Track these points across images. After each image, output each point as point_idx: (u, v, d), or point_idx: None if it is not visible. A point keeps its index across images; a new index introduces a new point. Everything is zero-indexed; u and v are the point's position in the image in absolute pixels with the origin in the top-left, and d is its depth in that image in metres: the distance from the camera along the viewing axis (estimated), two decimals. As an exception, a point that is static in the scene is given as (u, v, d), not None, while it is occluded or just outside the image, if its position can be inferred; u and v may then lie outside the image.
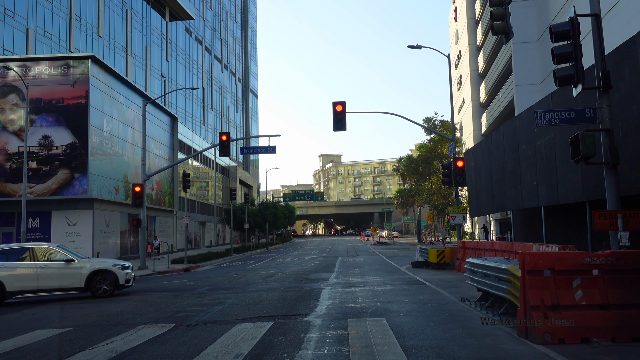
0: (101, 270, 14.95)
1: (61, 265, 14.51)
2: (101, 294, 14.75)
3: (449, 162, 25.06)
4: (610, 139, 9.64)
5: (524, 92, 35.45)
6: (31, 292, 14.35)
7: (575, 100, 12.41)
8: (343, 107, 21.89)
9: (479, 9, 49.82)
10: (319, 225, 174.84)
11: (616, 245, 9.36)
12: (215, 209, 57.97)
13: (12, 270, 14.01)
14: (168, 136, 47.33)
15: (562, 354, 6.49)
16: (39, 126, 30.03)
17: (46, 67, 30.60)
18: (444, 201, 55.24)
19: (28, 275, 14.11)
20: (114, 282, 15.00)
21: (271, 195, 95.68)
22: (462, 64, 57.73)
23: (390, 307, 10.80)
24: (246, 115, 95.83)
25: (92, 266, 14.91)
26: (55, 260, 14.54)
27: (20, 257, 14.28)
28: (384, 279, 17.32)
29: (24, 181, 23.54)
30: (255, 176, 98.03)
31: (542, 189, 15.94)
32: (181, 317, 10.47)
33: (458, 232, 25.97)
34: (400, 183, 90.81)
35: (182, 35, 65.03)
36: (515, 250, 14.09)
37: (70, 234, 30.13)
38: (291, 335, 8.24)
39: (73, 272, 14.58)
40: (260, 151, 31.26)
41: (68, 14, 40.67)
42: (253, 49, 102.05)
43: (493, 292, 9.51)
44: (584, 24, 10.04)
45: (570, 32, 9.67)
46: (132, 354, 7.31)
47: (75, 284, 14.61)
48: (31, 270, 14.16)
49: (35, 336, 8.91)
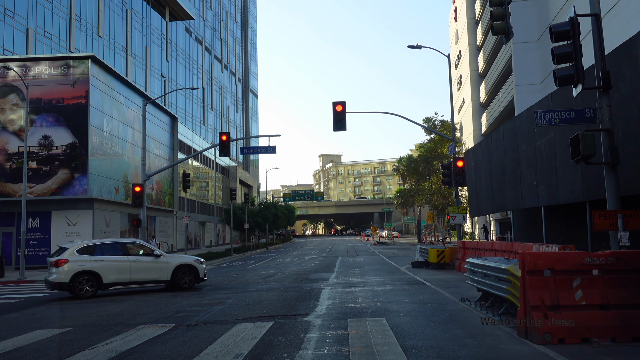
0: (184, 265, 15.98)
1: (151, 260, 15.56)
2: (184, 287, 15.73)
3: (449, 162, 25.07)
4: (610, 139, 9.64)
5: (524, 92, 35.46)
6: (124, 284, 15.34)
7: (575, 100, 12.41)
8: (343, 107, 21.89)
9: (479, 9, 49.82)
10: (319, 225, 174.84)
11: (616, 245, 9.36)
12: (215, 209, 57.98)
13: (108, 263, 14.96)
14: (168, 136, 47.33)
15: (562, 354, 6.49)
16: (39, 126, 30.03)
17: (46, 67, 30.60)
18: (444, 201, 55.24)
19: (122, 268, 15.08)
20: (194, 276, 16.03)
21: (271, 195, 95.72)
22: (462, 64, 57.73)
23: (390, 307, 10.80)
24: (246, 115, 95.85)
25: (176, 261, 16.02)
26: (144, 255, 15.62)
27: (113, 252, 15.34)
28: (384, 279, 17.32)
29: (24, 181, 23.54)
30: (255, 176, 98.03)
31: (542, 189, 15.94)
32: (181, 317, 10.47)
33: (458, 232, 25.97)
34: (400, 183, 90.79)
35: (182, 35, 65.04)
36: (515, 250, 14.09)
37: (70, 234, 30.13)
38: (291, 335, 8.24)
39: (161, 266, 15.63)
40: (260, 151, 31.23)
41: (68, 14, 40.68)
42: (253, 49, 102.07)
43: (493, 292, 9.51)
44: (584, 24, 10.04)
45: (570, 32, 9.67)
46: (132, 354, 7.31)
47: (162, 277, 15.64)
48: (125, 263, 15.15)
49: (35, 336, 8.90)
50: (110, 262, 15.02)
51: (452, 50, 64.35)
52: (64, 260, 14.52)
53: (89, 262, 14.76)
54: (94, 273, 14.71)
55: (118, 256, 15.26)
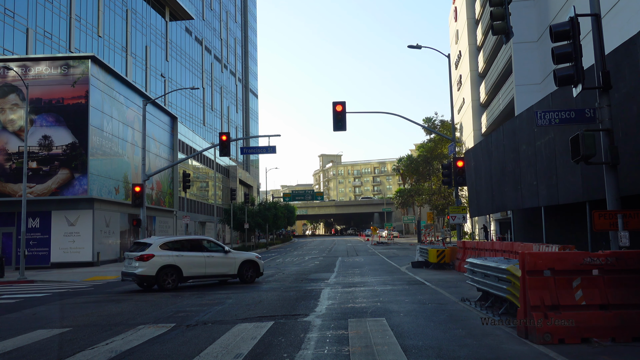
0: (248, 260, 17.33)
1: (222, 255, 16.81)
2: (248, 280, 17.07)
3: (449, 162, 25.06)
4: (610, 139, 9.64)
5: (524, 92, 35.46)
6: (199, 277, 16.57)
7: (575, 100, 12.41)
8: (343, 107, 21.89)
9: (479, 9, 49.82)
10: (319, 225, 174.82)
11: (616, 245, 9.36)
12: (215, 209, 57.94)
13: (187, 259, 16.10)
14: (168, 136, 47.32)
15: (562, 354, 6.49)
16: (39, 126, 30.03)
17: (46, 67, 30.59)
18: (444, 201, 55.24)
19: (198, 263, 16.26)
20: (255, 270, 17.39)
21: (271, 195, 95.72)
22: (462, 64, 57.72)
23: (390, 307, 10.80)
24: (246, 115, 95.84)
25: (242, 257, 17.37)
26: (216, 251, 16.90)
27: (189, 248, 16.50)
28: (384, 279, 17.32)
29: (24, 181, 23.54)
30: (255, 176, 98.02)
31: (542, 189, 15.94)
32: (181, 317, 10.47)
33: (458, 232, 25.96)
34: (400, 183, 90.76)
35: (182, 35, 65.04)
36: (515, 250, 14.09)
37: (70, 234, 30.13)
38: (291, 335, 8.24)
39: (230, 261, 16.92)
40: (260, 151, 31.22)
41: (68, 14, 40.68)
42: (253, 49, 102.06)
43: (493, 292, 9.51)
44: (584, 24, 10.04)
45: (570, 32, 9.67)
46: (132, 354, 7.31)
47: (230, 272, 16.91)
48: (201, 259, 16.33)
49: (35, 336, 8.90)
50: (189, 257, 16.15)
51: (452, 50, 64.35)
52: (151, 255, 15.55)
53: (171, 256, 15.88)
54: (176, 267, 15.82)
55: (194, 252, 16.42)
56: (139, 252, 15.72)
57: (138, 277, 15.58)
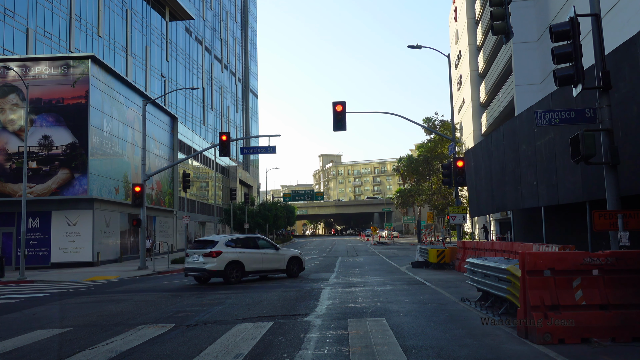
0: (294, 257, 18.96)
1: (274, 252, 18.39)
2: (293, 275, 18.69)
3: (449, 162, 25.06)
4: (610, 139, 9.64)
5: (524, 92, 35.45)
6: (257, 272, 17.91)
7: (575, 100, 12.41)
8: (343, 107, 21.89)
9: (479, 9, 49.82)
10: (319, 225, 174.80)
11: (616, 245, 9.35)
12: (215, 209, 57.97)
13: (248, 255, 17.57)
14: (168, 136, 47.33)
15: (562, 354, 6.49)
16: (39, 126, 30.03)
17: (46, 67, 30.60)
18: (444, 201, 55.24)
19: (257, 259, 17.77)
20: (300, 265, 19.06)
21: (271, 195, 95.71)
22: (462, 64, 57.72)
23: (390, 307, 10.80)
24: (246, 115, 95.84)
25: (289, 253, 18.96)
26: (269, 248, 18.36)
27: (248, 245, 17.91)
28: (384, 279, 17.32)
29: (24, 181, 23.54)
30: (255, 176, 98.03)
31: (542, 189, 15.94)
32: (181, 317, 10.47)
33: (458, 232, 25.96)
34: (400, 183, 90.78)
35: (182, 35, 65.04)
36: (515, 250, 14.09)
37: (70, 234, 30.14)
38: (291, 335, 8.24)
39: (280, 257, 18.50)
40: (260, 151, 31.24)
41: (68, 14, 40.68)
42: (253, 49, 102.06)
43: (493, 292, 9.50)
44: (584, 24, 10.04)
45: (570, 32, 9.67)
46: (132, 354, 7.30)
47: (281, 267, 18.43)
48: (258, 255, 17.87)
49: (35, 336, 8.90)
50: (250, 254, 17.63)
51: (452, 50, 64.35)
52: (219, 252, 16.85)
53: (236, 253, 17.25)
54: (240, 263, 17.20)
55: (253, 249, 17.91)
56: (207, 249, 16.92)
57: (208, 272, 16.72)
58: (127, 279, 21.90)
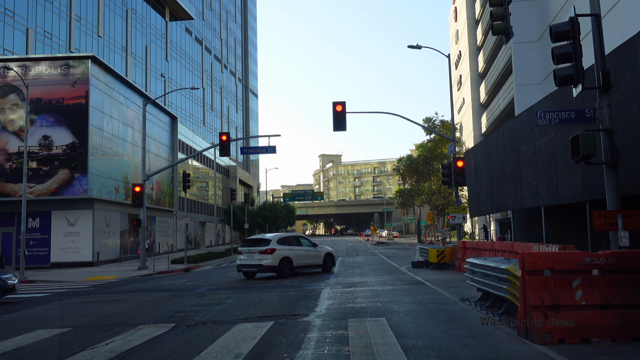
0: (328, 253, 20.83)
1: (314, 249, 20.18)
2: (327, 269, 20.55)
3: (449, 162, 25.05)
4: (610, 139, 9.64)
5: (524, 92, 35.44)
6: (302, 267, 19.60)
7: (575, 100, 12.41)
8: (343, 107, 21.89)
9: (479, 9, 49.81)
10: (319, 225, 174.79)
11: (616, 245, 9.35)
12: (215, 209, 57.97)
13: (296, 252, 19.22)
14: (168, 136, 47.32)
15: (562, 354, 6.49)
16: (39, 126, 30.03)
17: (46, 67, 30.60)
18: (444, 201, 55.22)
19: (302, 255, 19.48)
20: (333, 262, 21.07)
21: (271, 195, 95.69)
22: (462, 64, 57.72)
23: (390, 307, 10.80)
24: (246, 115, 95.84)
25: (325, 250, 20.73)
26: (309, 246, 20.10)
27: (293, 243, 19.44)
28: (384, 279, 17.32)
29: (24, 181, 23.54)
30: (255, 176, 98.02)
31: (542, 189, 15.94)
32: (181, 317, 10.46)
33: (458, 232, 25.96)
34: (400, 183, 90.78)
35: (182, 35, 65.04)
36: (515, 250, 14.08)
37: (70, 234, 30.14)
38: (291, 335, 8.24)
39: (318, 254, 20.28)
40: (260, 151, 31.23)
41: (68, 14, 40.67)
42: (253, 49, 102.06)
43: (493, 292, 9.50)
44: (584, 24, 10.04)
45: (570, 32, 9.66)
46: (132, 354, 7.30)
47: (318, 263, 20.24)
48: (302, 252, 19.57)
49: (35, 336, 8.90)
50: (297, 251, 19.29)
51: (452, 50, 64.34)
52: (274, 249, 18.41)
53: (286, 250, 18.80)
54: (289, 259, 18.77)
55: (298, 246, 19.51)
56: (261, 246, 18.44)
57: (265, 267, 18.24)
58: (127, 279, 21.91)
